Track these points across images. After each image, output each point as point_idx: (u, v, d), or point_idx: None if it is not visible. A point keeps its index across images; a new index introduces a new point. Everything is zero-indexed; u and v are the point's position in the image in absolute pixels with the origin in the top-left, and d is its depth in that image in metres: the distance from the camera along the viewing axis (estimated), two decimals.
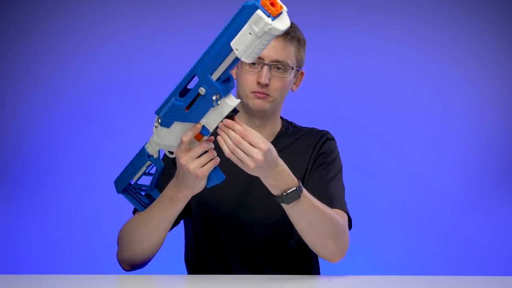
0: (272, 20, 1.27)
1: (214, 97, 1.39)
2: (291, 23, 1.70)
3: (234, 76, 1.78)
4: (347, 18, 2.84)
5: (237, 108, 1.72)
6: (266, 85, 1.70)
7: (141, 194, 1.64)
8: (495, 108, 2.83)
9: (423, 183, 2.81)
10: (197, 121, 1.45)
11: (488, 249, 2.79)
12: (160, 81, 2.74)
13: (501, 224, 2.82)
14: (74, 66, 2.84)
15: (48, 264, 2.77)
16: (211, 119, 1.44)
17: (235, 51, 1.32)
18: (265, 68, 1.70)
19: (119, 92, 2.88)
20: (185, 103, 1.43)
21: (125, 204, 1.77)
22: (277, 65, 1.71)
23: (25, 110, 2.84)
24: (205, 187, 1.52)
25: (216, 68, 1.38)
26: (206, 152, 1.47)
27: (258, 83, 1.70)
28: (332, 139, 1.84)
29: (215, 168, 1.49)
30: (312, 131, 1.85)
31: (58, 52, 2.84)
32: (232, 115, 1.44)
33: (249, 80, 1.71)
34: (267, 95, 1.71)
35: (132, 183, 1.62)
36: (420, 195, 2.81)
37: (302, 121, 1.93)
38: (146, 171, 1.59)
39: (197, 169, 1.46)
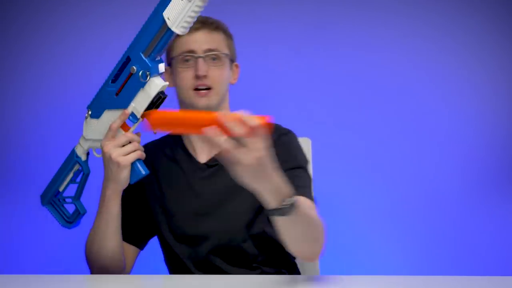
0: None
1: (140, 72, 1.39)
2: (213, 18, 1.71)
3: (171, 85, 1.70)
4: (346, 18, 2.84)
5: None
6: (205, 77, 1.65)
7: (64, 207, 1.61)
8: (495, 107, 2.82)
9: (423, 183, 2.81)
10: (126, 106, 1.45)
11: (488, 249, 2.79)
12: None
13: (502, 224, 2.81)
14: (76, 67, 2.84)
15: (48, 264, 2.78)
16: (139, 103, 1.44)
17: (166, 21, 1.35)
18: (200, 60, 1.65)
19: None
20: (116, 87, 1.45)
21: None
22: (211, 55, 1.67)
23: (26, 110, 2.84)
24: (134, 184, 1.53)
25: (149, 44, 1.39)
26: (130, 143, 1.48)
27: (197, 77, 1.65)
28: (287, 133, 1.74)
29: (139, 161, 1.49)
30: None
31: (59, 53, 2.84)
32: (160, 97, 1.44)
33: (186, 77, 1.66)
34: (209, 88, 1.66)
35: (58, 195, 1.60)
36: (420, 195, 2.81)
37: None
38: (73, 179, 1.58)
39: (119, 157, 1.47)
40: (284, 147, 1.70)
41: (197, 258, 1.70)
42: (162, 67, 1.47)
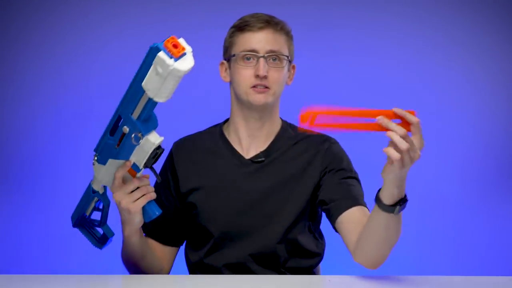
0: (175, 61, 1.29)
1: (133, 135, 1.41)
2: (277, 18, 1.72)
3: (226, 79, 1.75)
4: (347, 19, 2.84)
5: (236, 108, 1.74)
6: (265, 77, 1.66)
7: (95, 229, 1.64)
8: (495, 108, 2.83)
9: (423, 183, 2.81)
10: (127, 158, 1.47)
11: (488, 249, 2.79)
12: None
13: (502, 224, 2.81)
14: (75, 66, 2.84)
15: (48, 264, 2.78)
16: (138, 157, 1.46)
17: (146, 91, 1.35)
18: (261, 60, 1.66)
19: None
20: (115, 141, 1.46)
21: None
22: (272, 56, 1.67)
23: (26, 110, 2.84)
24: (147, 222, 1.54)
25: (134, 108, 1.40)
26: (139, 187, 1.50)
27: (257, 76, 1.66)
28: (335, 142, 1.80)
29: (151, 202, 1.51)
30: (311, 136, 1.78)
31: (58, 52, 2.84)
32: (157, 153, 1.45)
33: (246, 75, 1.67)
34: (267, 87, 1.67)
35: (87, 218, 1.62)
36: (420, 195, 2.81)
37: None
38: (96, 206, 1.59)
39: (129, 204, 1.49)
40: (337, 155, 1.76)
41: (228, 255, 1.70)
42: (154, 123, 1.46)
